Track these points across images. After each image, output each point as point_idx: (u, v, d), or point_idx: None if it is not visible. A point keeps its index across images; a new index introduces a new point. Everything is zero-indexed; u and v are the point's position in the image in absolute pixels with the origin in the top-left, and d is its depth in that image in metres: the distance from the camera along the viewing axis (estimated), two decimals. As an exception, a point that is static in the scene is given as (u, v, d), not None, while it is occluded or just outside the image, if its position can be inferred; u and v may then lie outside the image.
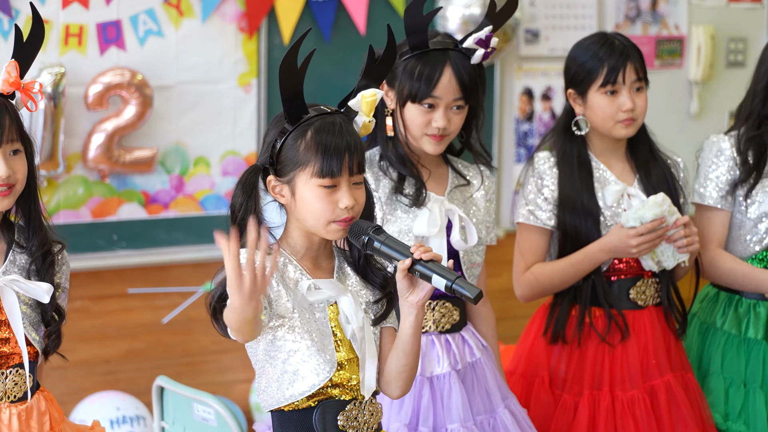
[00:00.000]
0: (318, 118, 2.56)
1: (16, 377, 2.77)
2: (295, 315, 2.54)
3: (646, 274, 3.52)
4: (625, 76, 3.44)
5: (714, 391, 3.64)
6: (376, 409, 2.64)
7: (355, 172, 2.56)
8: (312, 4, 4.92)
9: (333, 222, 2.55)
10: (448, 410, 3.22)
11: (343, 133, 2.54)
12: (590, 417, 3.46)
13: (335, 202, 2.54)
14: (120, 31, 4.65)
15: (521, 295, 3.60)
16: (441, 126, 3.17)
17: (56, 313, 2.82)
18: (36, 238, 2.79)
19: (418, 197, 3.22)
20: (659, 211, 3.36)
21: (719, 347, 3.67)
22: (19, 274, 2.76)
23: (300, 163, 2.54)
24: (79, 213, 4.67)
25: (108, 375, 4.88)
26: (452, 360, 3.27)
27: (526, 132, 5.53)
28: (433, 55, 3.17)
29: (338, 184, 2.54)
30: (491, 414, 3.30)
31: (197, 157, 4.85)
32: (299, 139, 2.55)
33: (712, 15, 5.85)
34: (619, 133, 3.48)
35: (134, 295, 4.86)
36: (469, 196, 3.34)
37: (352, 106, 2.60)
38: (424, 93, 3.16)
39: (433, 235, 3.21)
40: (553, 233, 3.54)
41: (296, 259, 2.61)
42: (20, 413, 2.76)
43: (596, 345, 3.50)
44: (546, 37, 5.50)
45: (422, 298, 2.55)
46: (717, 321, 3.70)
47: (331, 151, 2.52)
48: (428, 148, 3.22)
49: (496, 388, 3.34)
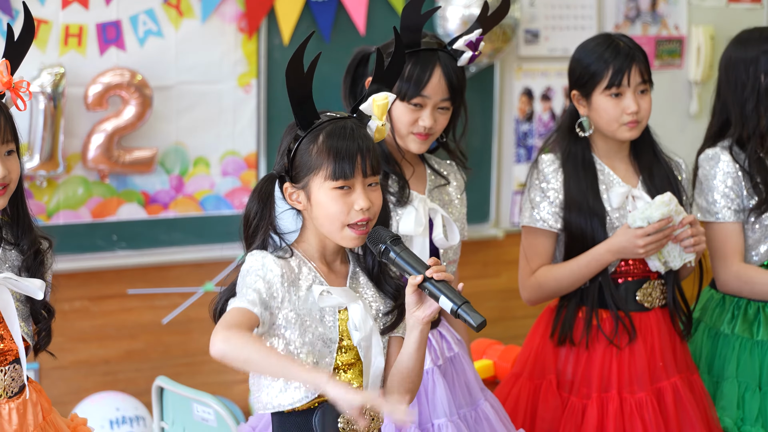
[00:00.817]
0: (329, 123, 2.58)
1: (13, 374, 2.79)
2: (296, 326, 2.54)
3: (653, 276, 3.51)
4: (630, 78, 3.43)
5: (727, 395, 3.62)
6: (377, 415, 2.64)
7: (369, 174, 2.56)
8: (312, 5, 4.92)
9: (349, 227, 2.56)
10: (433, 405, 3.24)
11: (354, 135, 2.56)
12: (599, 420, 3.44)
13: (350, 204, 2.55)
14: (120, 32, 4.65)
15: (528, 299, 3.59)
16: (428, 125, 3.20)
17: (45, 310, 2.84)
18: (27, 236, 2.81)
19: (402, 196, 3.24)
20: (666, 210, 3.36)
21: (733, 352, 3.65)
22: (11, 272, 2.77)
23: (313, 167, 2.55)
24: (79, 213, 4.67)
25: (107, 375, 4.88)
26: (433, 356, 3.29)
27: (526, 132, 5.53)
28: (424, 55, 3.20)
29: (352, 186, 2.55)
30: (472, 407, 3.32)
31: (197, 157, 4.85)
32: (311, 143, 2.56)
33: (712, 15, 5.86)
34: (624, 136, 3.47)
35: (134, 295, 4.86)
36: (447, 195, 3.37)
37: (364, 110, 2.62)
38: (414, 92, 3.19)
39: (418, 234, 3.22)
40: (559, 236, 3.53)
41: (311, 261, 2.62)
42: (18, 407, 2.79)
43: (604, 347, 3.49)
44: (546, 37, 5.50)
45: (428, 315, 2.55)
46: (725, 325, 3.69)
47: (343, 154, 2.53)
48: (413, 146, 3.24)
49: (474, 381, 3.37)
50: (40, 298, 2.77)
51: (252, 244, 2.61)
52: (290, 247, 2.61)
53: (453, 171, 3.42)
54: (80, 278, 4.68)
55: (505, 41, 5.19)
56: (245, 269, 2.56)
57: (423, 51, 3.19)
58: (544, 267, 3.53)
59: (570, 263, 3.47)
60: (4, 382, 2.78)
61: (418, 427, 3.20)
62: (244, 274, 2.55)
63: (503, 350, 4.43)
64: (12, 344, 2.76)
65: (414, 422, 3.19)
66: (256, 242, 2.61)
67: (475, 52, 3.25)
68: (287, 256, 2.59)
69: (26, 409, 2.80)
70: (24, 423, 2.79)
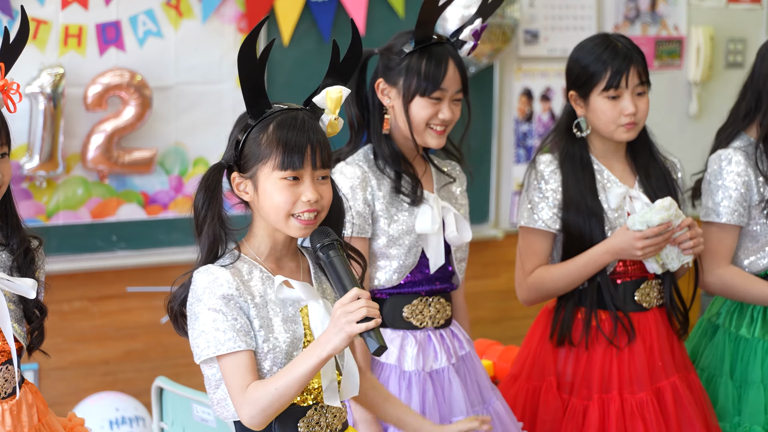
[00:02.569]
0: (280, 113, 2.54)
1: (6, 374, 2.78)
2: (261, 333, 2.51)
3: (650, 276, 3.52)
4: (629, 80, 3.42)
5: (753, 402, 3.59)
6: (340, 410, 2.61)
7: (319, 167, 2.53)
8: (311, 5, 4.92)
9: (294, 216, 2.52)
10: (450, 404, 3.26)
11: (305, 127, 2.52)
12: (601, 421, 3.44)
13: (297, 195, 2.51)
14: (119, 32, 4.65)
15: (525, 299, 3.59)
16: (447, 117, 3.22)
17: (37, 309, 2.83)
18: (16, 235, 2.81)
19: (416, 195, 3.24)
20: (666, 215, 3.36)
21: (755, 356, 3.63)
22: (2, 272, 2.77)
23: (262, 156, 2.52)
24: (79, 214, 4.67)
25: (107, 376, 4.88)
26: (448, 354, 3.30)
27: (526, 133, 5.53)
28: (435, 50, 3.22)
29: (301, 177, 2.51)
30: (484, 405, 3.34)
31: (196, 157, 4.85)
32: (261, 133, 2.53)
33: (712, 16, 5.86)
34: (621, 137, 3.47)
35: (133, 295, 4.86)
36: (452, 193, 3.39)
37: (317, 103, 2.58)
38: (433, 86, 3.20)
39: (434, 233, 3.24)
40: (557, 236, 3.53)
41: (260, 261, 2.58)
42: (11, 408, 2.78)
43: (603, 348, 3.48)
44: (545, 38, 5.50)
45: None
46: (745, 329, 3.67)
47: (293, 144, 2.50)
48: (431, 141, 3.25)
49: (485, 380, 3.39)
50: (32, 297, 2.77)
51: (201, 234, 2.56)
52: (238, 246, 2.57)
53: (456, 170, 3.43)
54: (80, 279, 4.68)
55: (504, 42, 5.19)
56: (197, 292, 2.50)
57: (434, 45, 3.22)
58: (541, 267, 3.53)
59: (567, 264, 3.47)
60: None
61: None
62: (199, 299, 2.50)
63: (502, 351, 4.43)
64: (5, 345, 2.76)
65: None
66: (204, 230, 2.55)
67: (477, 42, 3.28)
68: (234, 260, 2.55)
69: (20, 410, 2.79)
70: (18, 424, 2.78)
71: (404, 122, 3.23)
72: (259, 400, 2.44)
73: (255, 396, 2.44)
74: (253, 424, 2.47)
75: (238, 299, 2.49)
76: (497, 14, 5.14)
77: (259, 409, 2.44)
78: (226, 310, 2.48)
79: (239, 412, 2.47)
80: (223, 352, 2.47)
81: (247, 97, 2.55)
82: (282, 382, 2.43)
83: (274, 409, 2.45)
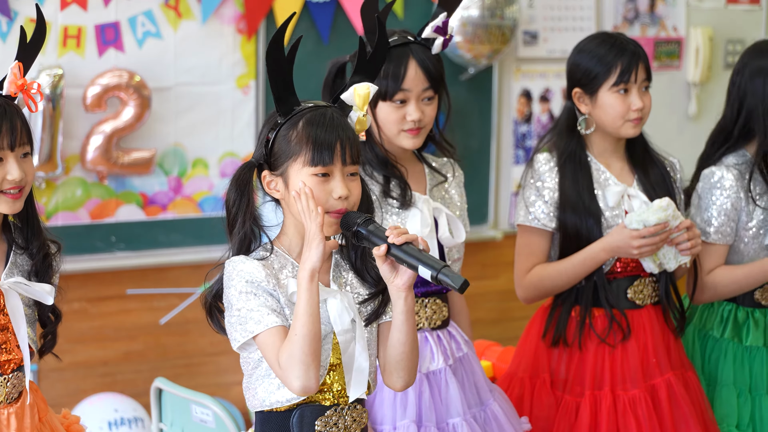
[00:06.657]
0: (309, 110, 2.55)
1: (15, 381, 2.79)
2: (290, 322, 2.52)
3: (644, 274, 3.53)
4: (637, 75, 3.46)
5: (726, 403, 3.62)
6: (360, 416, 2.62)
7: (349, 162, 2.54)
8: (310, 6, 4.92)
9: (326, 213, 2.52)
10: (446, 405, 3.25)
11: (334, 123, 2.53)
12: (592, 417, 3.46)
13: (328, 192, 2.52)
14: (118, 33, 4.65)
15: (524, 298, 3.60)
16: (416, 118, 3.19)
17: (52, 313, 2.83)
18: (36, 240, 2.80)
19: (405, 198, 3.24)
20: (663, 215, 3.36)
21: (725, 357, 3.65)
22: (21, 276, 2.76)
23: (292, 153, 2.53)
24: (78, 214, 4.67)
25: (106, 376, 4.88)
26: (444, 356, 3.30)
27: (525, 134, 5.53)
28: (395, 51, 3.19)
29: (331, 173, 2.52)
30: (482, 407, 3.33)
31: (195, 158, 4.85)
32: (291, 130, 2.54)
33: (711, 16, 5.86)
34: (627, 132, 3.49)
35: (132, 296, 4.86)
36: (446, 192, 3.38)
37: (345, 100, 2.59)
38: (394, 88, 3.18)
39: (425, 235, 3.22)
40: (554, 235, 3.54)
41: (293, 257, 2.59)
42: (17, 411, 2.80)
43: (596, 346, 3.50)
44: (544, 38, 5.50)
45: (407, 281, 2.51)
46: (715, 329, 3.69)
47: (322, 140, 2.51)
48: (406, 143, 3.23)
49: (483, 381, 3.38)
50: (50, 303, 2.77)
51: (233, 231, 2.59)
52: (271, 243, 2.59)
53: (450, 167, 3.42)
54: (79, 279, 4.68)
55: (503, 43, 5.19)
56: (228, 279, 2.53)
57: (394, 48, 3.19)
58: (539, 265, 3.53)
59: (565, 261, 3.48)
60: (5, 389, 2.77)
61: (435, 426, 3.21)
62: (230, 285, 2.53)
63: (502, 351, 4.43)
64: (18, 352, 2.76)
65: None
66: (236, 228, 2.58)
67: (446, 36, 3.25)
68: (267, 254, 2.57)
69: (24, 413, 2.80)
70: (22, 427, 2.79)
71: (375, 127, 3.22)
72: (291, 357, 2.43)
73: (285, 356, 2.44)
74: (303, 386, 2.44)
75: (266, 286, 2.51)
76: (496, 15, 5.14)
77: (297, 363, 2.42)
78: (258, 291, 2.50)
79: (289, 384, 2.46)
80: (258, 331, 2.48)
81: (276, 95, 2.56)
82: (298, 327, 2.43)
83: (307, 354, 2.42)
